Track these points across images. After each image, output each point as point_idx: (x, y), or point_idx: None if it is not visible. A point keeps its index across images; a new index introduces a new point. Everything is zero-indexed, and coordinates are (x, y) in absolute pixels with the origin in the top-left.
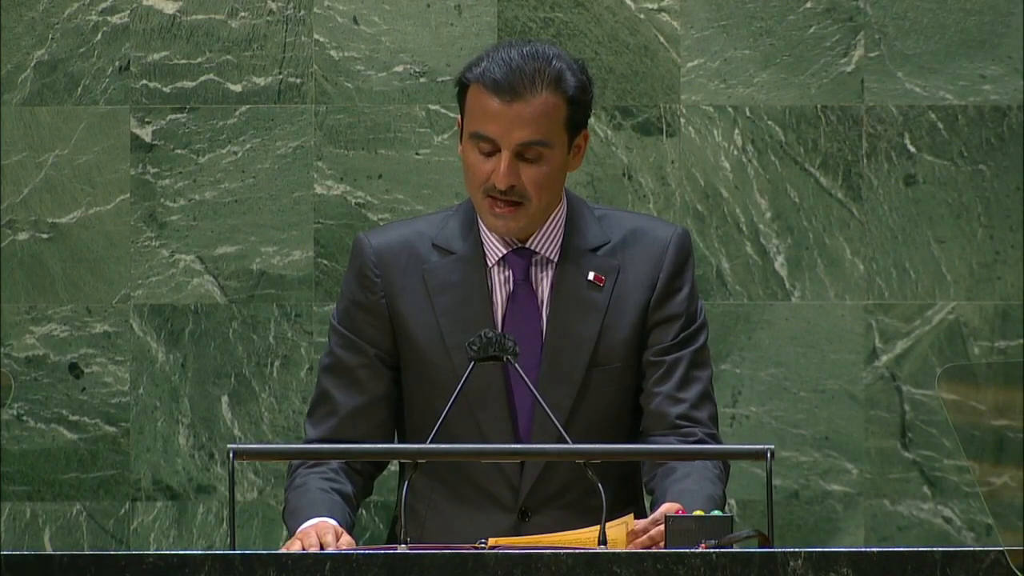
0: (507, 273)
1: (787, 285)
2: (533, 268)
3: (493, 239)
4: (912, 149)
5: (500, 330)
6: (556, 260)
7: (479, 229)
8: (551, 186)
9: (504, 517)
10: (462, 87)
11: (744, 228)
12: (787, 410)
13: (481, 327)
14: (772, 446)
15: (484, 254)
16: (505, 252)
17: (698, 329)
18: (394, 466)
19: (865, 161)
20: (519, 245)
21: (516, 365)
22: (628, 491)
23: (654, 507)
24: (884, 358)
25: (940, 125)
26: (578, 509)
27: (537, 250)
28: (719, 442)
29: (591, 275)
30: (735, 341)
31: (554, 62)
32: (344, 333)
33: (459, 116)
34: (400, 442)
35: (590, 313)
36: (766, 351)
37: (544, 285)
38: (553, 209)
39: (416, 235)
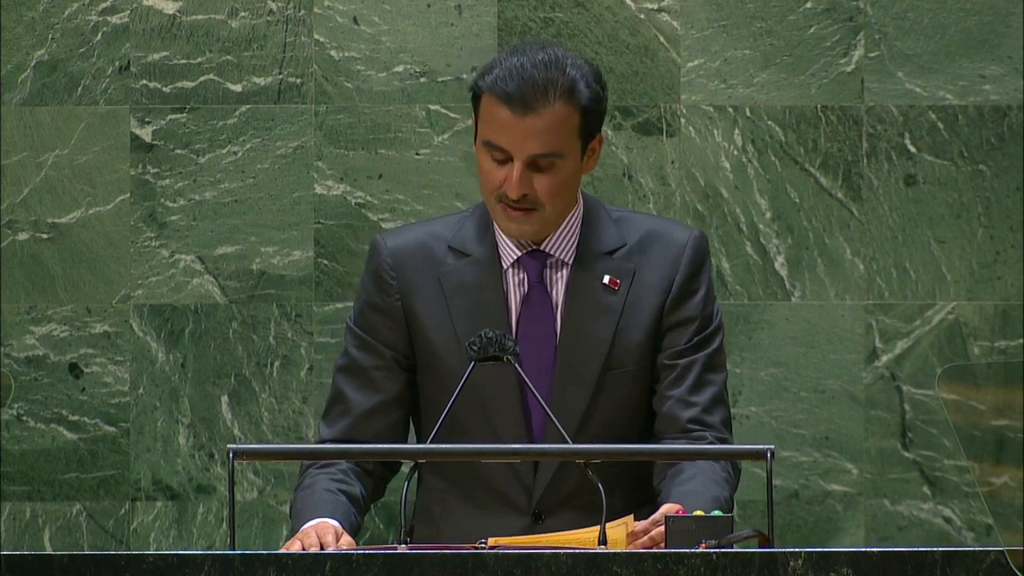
0: (522, 275)
1: (787, 285)
2: (548, 270)
3: (508, 241)
4: (912, 149)
5: (514, 333)
6: (571, 263)
7: (495, 231)
8: (564, 193)
9: (518, 519)
10: (475, 93)
11: (744, 228)
12: (787, 410)
13: (496, 329)
14: (772, 446)
15: (499, 256)
16: (520, 254)
17: (713, 332)
18: (407, 468)
19: (865, 161)
20: (534, 247)
21: (516, 365)
22: (642, 492)
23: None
24: (884, 358)
25: (940, 125)
26: (592, 511)
27: (552, 252)
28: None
29: (606, 278)
30: (735, 341)
31: (568, 71)
32: (360, 334)
33: (473, 116)
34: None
35: (605, 316)
36: (766, 351)
37: (559, 287)
38: (568, 213)
39: (432, 237)
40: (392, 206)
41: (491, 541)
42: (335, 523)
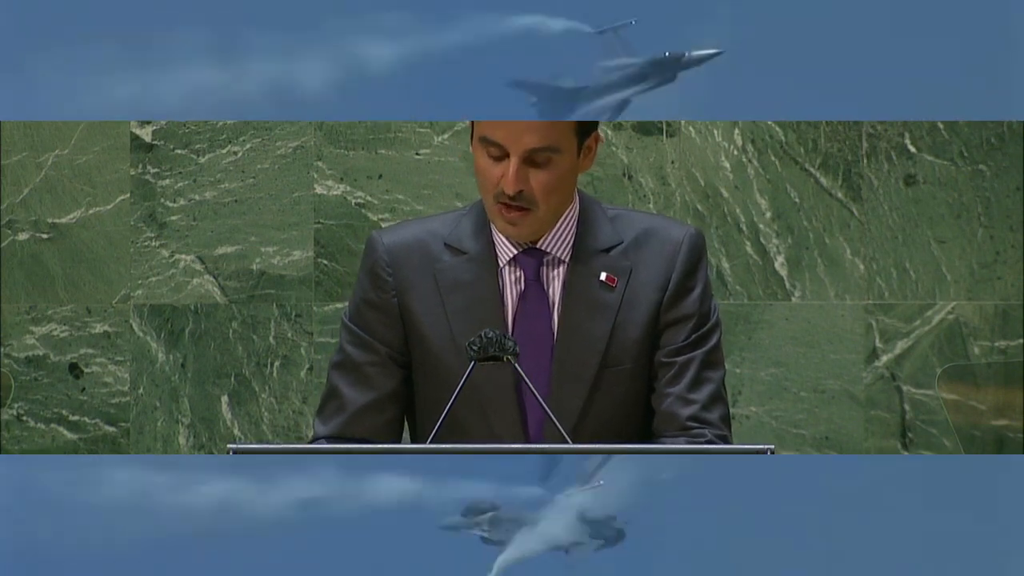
0: (518, 273)
1: (787, 285)
2: (544, 268)
3: (505, 239)
4: (912, 149)
5: (511, 330)
6: (567, 260)
7: (491, 229)
8: (560, 190)
9: None
10: None
11: (744, 228)
12: (787, 410)
13: (492, 327)
14: (772, 446)
15: (496, 254)
16: (516, 252)
17: (711, 329)
18: None
19: (865, 161)
20: (530, 245)
21: (516, 365)
22: None
23: None
24: (884, 358)
25: (940, 125)
26: None
27: (548, 250)
28: (729, 443)
29: (603, 276)
30: (735, 341)
31: None
32: (355, 331)
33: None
34: (407, 442)
35: (601, 313)
36: (766, 351)
37: (555, 285)
38: (563, 211)
39: (429, 234)
40: (392, 206)
41: None
42: None
